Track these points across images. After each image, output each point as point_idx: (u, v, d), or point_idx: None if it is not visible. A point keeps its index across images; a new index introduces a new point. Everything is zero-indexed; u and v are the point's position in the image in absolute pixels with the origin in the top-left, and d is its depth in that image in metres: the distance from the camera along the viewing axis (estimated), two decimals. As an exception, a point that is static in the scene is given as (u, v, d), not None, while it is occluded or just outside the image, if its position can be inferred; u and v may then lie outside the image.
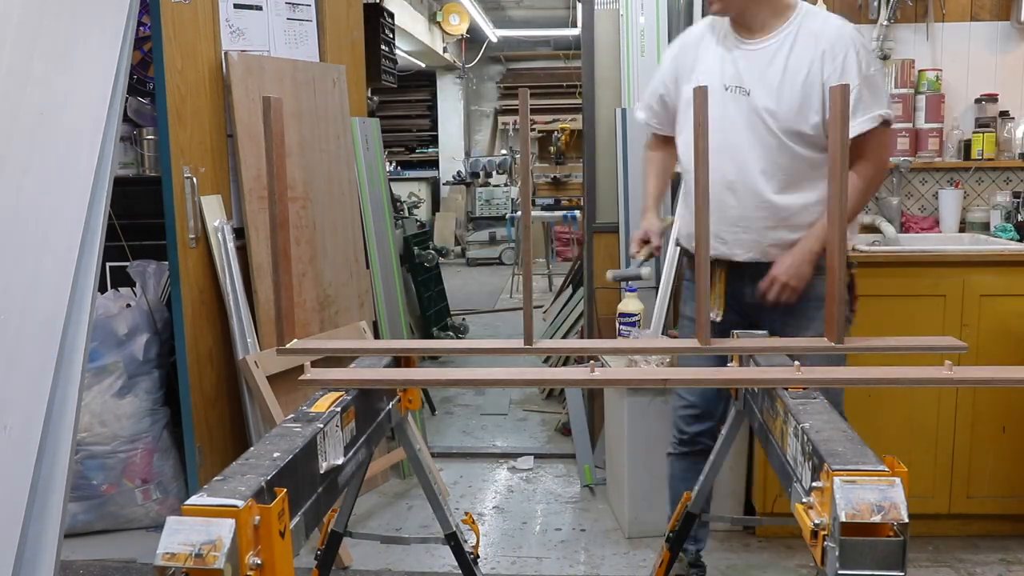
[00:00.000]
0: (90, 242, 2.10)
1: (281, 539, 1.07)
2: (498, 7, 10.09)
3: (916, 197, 3.37)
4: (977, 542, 2.91)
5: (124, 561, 2.86)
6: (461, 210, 11.48)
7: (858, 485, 1.07)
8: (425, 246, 5.49)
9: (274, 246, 1.54)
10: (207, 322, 2.88)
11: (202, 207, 2.82)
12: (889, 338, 1.67)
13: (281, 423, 1.33)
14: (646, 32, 3.48)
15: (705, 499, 2.11)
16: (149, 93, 3.33)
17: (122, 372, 3.00)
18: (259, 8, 3.08)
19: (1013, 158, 3.28)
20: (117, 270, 3.26)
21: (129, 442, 3.01)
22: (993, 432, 2.85)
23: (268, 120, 1.48)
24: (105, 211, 2.14)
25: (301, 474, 1.22)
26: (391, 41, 5.72)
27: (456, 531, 1.97)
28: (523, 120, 1.50)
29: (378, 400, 1.64)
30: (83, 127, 2.18)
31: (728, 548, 2.93)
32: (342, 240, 3.34)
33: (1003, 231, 3.13)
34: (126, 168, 3.39)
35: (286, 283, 1.55)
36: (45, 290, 2.03)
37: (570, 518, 3.20)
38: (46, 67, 2.22)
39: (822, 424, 1.28)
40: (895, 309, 2.76)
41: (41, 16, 2.26)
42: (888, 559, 1.05)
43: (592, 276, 3.61)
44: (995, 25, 3.27)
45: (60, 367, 1.98)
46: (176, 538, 0.99)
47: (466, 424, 4.35)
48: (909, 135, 3.26)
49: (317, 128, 3.23)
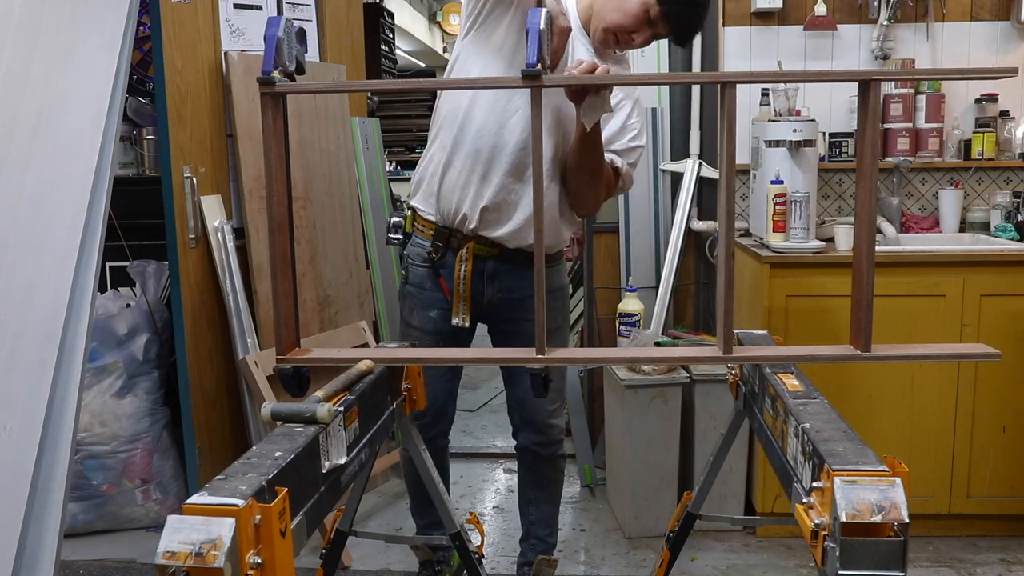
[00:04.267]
0: (90, 242, 2.10)
1: (282, 538, 1.07)
2: (498, 7, 10.07)
3: (916, 197, 3.37)
4: (977, 542, 2.91)
5: (124, 561, 2.86)
6: (461, 210, 11.46)
7: (858, 485, 1.07)
8: (425, 246, 5.48)
9: (272, 251, 1.50)
10: (207, 322, 2.88)
11: (202, 207, 2.82)
12: (918, 345, 1.60)
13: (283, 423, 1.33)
14: (646, 32, 3.48)
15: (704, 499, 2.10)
16: (149, 93, 3.33)
17: (122, 372, 2.99)
18: (259, 8, 3.08)
19: (1013, 158, 3.28)
20: (117, 270, 3.26)
21: (129, 442, 3.00)
22: (993, 432, 2.85)
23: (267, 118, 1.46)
24: (105, 211, 2.14)
25: (303, 473, 1.22)
26: (391, 41, 5.72)
27: (461, 531, 1.97)
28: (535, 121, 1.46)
29: (381, 400, 1.64)
30: (83, 127, 2.18)
31: (728, 548, 2.93)
32: (342, 240, 3.34)
33: (1003, 231, 3.13)
34: (126, 168, 3.39)
35: (285, 289, 1.50)
36: (45, 290, 2.03)
37: (570, 518, 3.20)
38: (46, 67, 2.22)
39: (822, 424, 1.28)
40: (895, 309, 2.76)
41: (41, 16, 2.26)
42: (888, 559, 1.05)
43: (592, 276, 3.61)
44: (995, 25, 3.27)
45: (60, 367, 1.98)
46: (176, 537, 0.99)
47: (466, 424, 4.34)
48: (909, 135, 3.26)
49: (317, 128, 3.23)
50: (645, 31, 2.03)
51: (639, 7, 2.00)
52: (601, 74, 1.75)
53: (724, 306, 1.46)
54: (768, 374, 1.57)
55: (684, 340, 3.28)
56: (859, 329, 1.45)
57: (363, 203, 3.52)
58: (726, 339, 1.49)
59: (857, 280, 1.46)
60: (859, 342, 1.46)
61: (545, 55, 1.46)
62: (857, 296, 1.46)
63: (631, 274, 3.48)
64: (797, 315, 2.83)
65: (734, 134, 1.42)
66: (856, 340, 1.47)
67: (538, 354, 1.51)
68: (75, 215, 2.10)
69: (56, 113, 2.19)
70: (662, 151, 3.47)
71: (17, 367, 1.96)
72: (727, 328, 1.47)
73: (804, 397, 1.41)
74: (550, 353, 1.53)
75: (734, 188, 1.47)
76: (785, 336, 2.70)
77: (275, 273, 1.49)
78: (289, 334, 1.51)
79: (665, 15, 1.99)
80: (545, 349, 1.51)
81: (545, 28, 1.45)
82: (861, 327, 1.44)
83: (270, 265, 1.50)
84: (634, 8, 2.00)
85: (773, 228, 2.85)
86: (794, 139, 2.90)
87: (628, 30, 2.03)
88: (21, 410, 1.92)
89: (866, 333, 1.44)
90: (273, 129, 1.46)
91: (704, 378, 2.94)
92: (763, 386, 1.60)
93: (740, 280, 3.08)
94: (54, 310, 2.01)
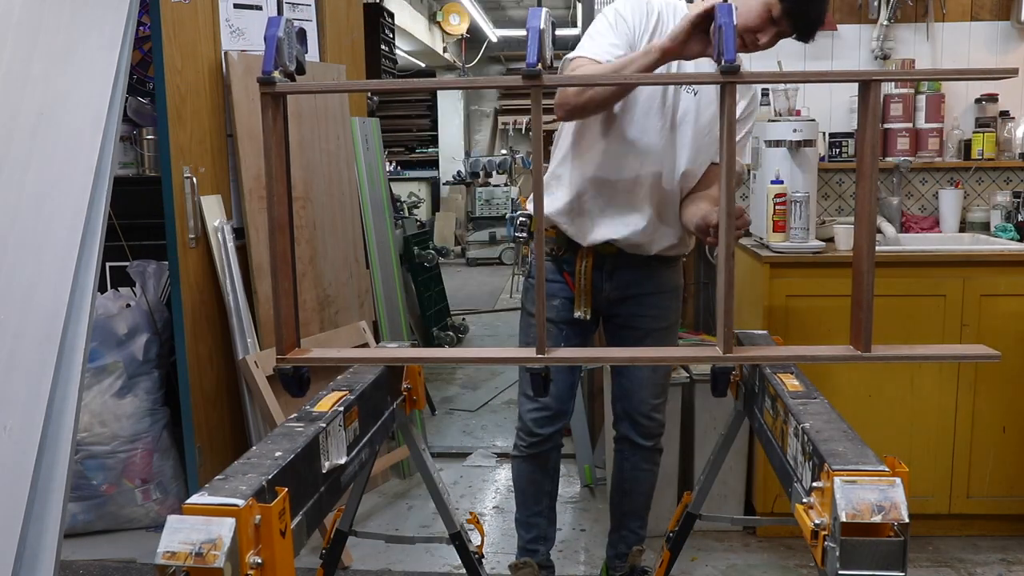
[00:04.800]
0: (90, 242, 2.10)
1: (282, 538, 1.07)
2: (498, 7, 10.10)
3: (916, 197, 3.37)
4: (977, 542, 2.91)
5: (124, 561, 2.86)
6: (461, 210, 11.48)
7: (859, 485, 1.07)
8: (425, 246, 5.50)
9: (272, 250, 1.49)
10: (207, 322, 2.88)
11: (202, 207, 2.82)
12: (918, 346, 1.58)
13: (283, 422, 1.33)
14: (646, 32, 3.48)
15: (704, 498, 2.10)
16: (149, 93, 3.33)
17: (122, 372, 3.00)
18: (259, 8, 3.08)
19: (1013, 158, 3.28)
20: (117, 270, 3.26)
21: (129, 442, 3.00)
22: (993, 432, 2.85)
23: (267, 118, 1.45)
24: (105, 211, 2.14)
25: (303, 473, 1.22)
26: (391, 41, 5.72)
27: (461, 530, 1.97)
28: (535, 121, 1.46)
29: (382, 400, 1.64)
30: (83, 127, 2.18)
31: (728, 548, 2.93)
32: (342, 240, 3.34)
33: (1003, 231, 3.13)
34: (126, 168, 3.39)
35: (286, 290, 1.49)
36: (45, 290, 2.03)
37: (570, 518, 3.20)
38: (46, 67, 2.22)
39: (822, 424, 1.28)
40: (895, 309, 2.76)
41: (41, 16, 2.26)
42: (888, 559, 1.05)
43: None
44: (995, 25, 3.27)
45: (60, 367, 1.98)
46: (176, 537, 0.99)
47: (466, 424, 4.35)
48: (909, 135, 3.26)
49: (317, 128, 3.23)
50: (769, 30, 2.00)
51: (761, 6, 1.96)
52: None
53: (724, 306, 1.46)
54: (768, 374, 1.57)
55: (684, 340, 3.27)
56: (859, 329, 1.44)
57: (363, 203, 3.53)
58: (726, 339, 1.47)
59: (857, 280, 1.45)
60: (859, 342, 1.45)
61: (546, 55, 1.46)
62: (857, 296, 1.45)
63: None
64: (797, 315, 2.83)
65: (735, 134, 1.42)
66: (856, 340, 1.46)
67: (538, 353, 1.51)
68: (75, 215, 2.10)
69: (56, 113, 2.19)
70: (662, 151, 3.46)
71: (17, 367, 1.96)
72: (727, 328, 1.46)
73: (804, 397, 1.41)
74: (552, 353, 1.52)
75: (734, 188, 1.47)
76: (785, 336, 2.70)
77: (275, 273, 1.49)
78: (289, 334, 1.51)
79: (787, 12, 1.96)
80: (545, 348, 1.51)
81: (545, 27, 1.45)
82: (861, 327, 1.43)
83: (270, 265, 1.50)
84: (756, 8, 1.97)
85: (773, 228, 2.85)
86: (794, 139, 2.90)
87: (753, 30, 2.00)
88: (21, 410, 1.92)
89: (866, 333, 1.43)
90: (273, 129, 1.46)
91: (704, 378, 2.94)
92: (763, 386, 1.61)
93: (740, 280, 3.08)
94: (54, 310, 2.01)
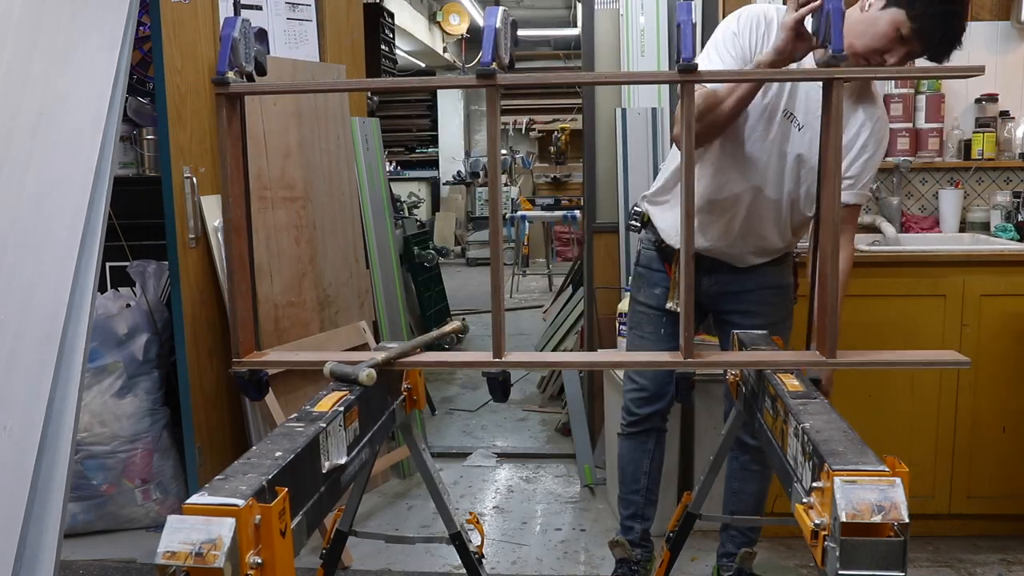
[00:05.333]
0: (90, 242, 2.10)
1: (282, 538, 1.07)
2: (498, 7, 10.08)
3: (916, 197, 3.37)
4: (977, 542, 2.91)
5: (124, 561, 2.86)
6: (461, 210, 11.49)
7: (858, 485, 1.07)
8: (425, 246, 5.50)
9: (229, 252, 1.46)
10: (207, 322, 2.88)
11: (202, 207, 2.82)
12: (885, 352, 1.55)
13: (283, 422, 1.33)
14: (646, 32, 3.49)
15: (704, 498, 2.10)
16: (149, 93, 3.33)
17: (122, 372, 3.00)
18: (259, 8, 3.08)
19: (1013, 158, 3.28)
20: (117, 270, 3.26)
21: (129, 442, 3.00)
22: (993, 432, 2.85)
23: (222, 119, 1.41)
24: (105, 211, 2.14)
25: (303, 473, 1.22)
26: (391, 41, 5.72)
27: (461, 530, 1.97)
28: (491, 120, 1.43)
29: (382, 400, 1.64)
30: (83, 127, 2.18)
31: (728, 548, 2.93)
32: (342, 240, 3.34)
33: (1003, 231, 3.13)
34: (126, 168, 3.39)
35: (243, 292, 1.46)
36: (45, 290, 2.03)
37: (570, 518, 3.20)
38: (46, 67, 2.22)
39: (822, 424, 1.28)
40: (895, 309, 2.76)
41: (41, 16, 2.26)
42: (888, 559, 1.05)
43: (592, 276, 3.61)
44: (995, 25, 3.27)
45: (60, 367, 1.98)
46: (176, 537, 0.99)
47: (466, 424, 4.35)
48: (909, 135, 3.26)
49: (317, 128, 3.23)
50: (898, 50, 1.90)
51: (889, 26, 1.88)
52: None
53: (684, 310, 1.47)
54: (768, 374, 1.57)
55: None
56: (823, 334, 1.43)
57: (363, 203, 3.52)
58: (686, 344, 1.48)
59: (822, 285, 1.43)
60: (824, 349, 1.44)
61: (501, 54, 1.44)
62: (823, 301, 1.43)
63: (631, 274, 3.48)
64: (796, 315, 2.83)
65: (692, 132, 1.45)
66: (821, 347, 1.45)
67: (495, 358, 1.49)
68: (75, 215, 2.10)
69: (56, 113, 2.19)
70: (662, 151, 3.47)
71: (17, 367, 1.96)
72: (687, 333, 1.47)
73: (804, 397, 1.41)
74: (508, 356, 1.52)
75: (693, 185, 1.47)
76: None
77: (231, 275, 1.46)
78: (247, 337, 1.48)
79: (918, 32, 1.87)
80: (503, 353, 1.49)
81: (502, 27, 1.43)
82: (826, 332, 1.42)
83: (226, 267, 1.47)
84: (883, 28, 1.89)
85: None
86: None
87: (880, 52, 1.92)
88: (21, 410, 1.92)
89: (831, 339, 1.42)
90: (229, 130, 1.43)
91: (704, 378, 2.94)
92: (763, 386, 1.60)
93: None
94: (54, 310, 2.01)
